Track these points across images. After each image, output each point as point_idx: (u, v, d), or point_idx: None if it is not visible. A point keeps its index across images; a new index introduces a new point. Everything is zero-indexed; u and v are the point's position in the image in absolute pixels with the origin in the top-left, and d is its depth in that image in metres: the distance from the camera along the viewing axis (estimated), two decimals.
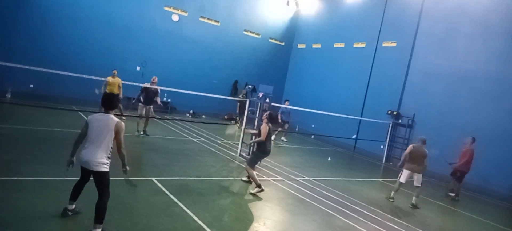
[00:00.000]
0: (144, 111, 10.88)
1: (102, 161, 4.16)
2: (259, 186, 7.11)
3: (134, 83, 11.37)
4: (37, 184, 5.64)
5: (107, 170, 4.23)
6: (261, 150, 7.32)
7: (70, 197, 4.55)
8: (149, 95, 10.88)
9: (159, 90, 11.13)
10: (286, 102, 15.69)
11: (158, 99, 11.20)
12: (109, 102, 4.34)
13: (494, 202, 10.84)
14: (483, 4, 12.97)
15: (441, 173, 11.83)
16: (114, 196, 5.55)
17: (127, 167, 4.39)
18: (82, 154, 4.19)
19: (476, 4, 13.18)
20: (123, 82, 10.93)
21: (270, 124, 7.33)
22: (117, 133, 4.21)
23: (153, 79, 11.07)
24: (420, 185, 8.33)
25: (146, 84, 10.86)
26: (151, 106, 11.06)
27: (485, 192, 11.55)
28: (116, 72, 12.09)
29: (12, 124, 9.70)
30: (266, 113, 7.68)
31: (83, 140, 4.34)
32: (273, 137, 14.58)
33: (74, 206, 4.59)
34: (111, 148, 4.26)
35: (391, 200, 8.45)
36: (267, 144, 7.28)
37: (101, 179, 4.20)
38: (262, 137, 7.18)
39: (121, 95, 12.02)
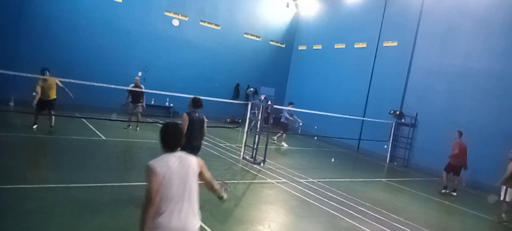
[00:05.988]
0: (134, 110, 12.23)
1: (198, 223, 2.89)
2: None
3: (136, 89, 11.39)
4: (42, 191, 5.65)
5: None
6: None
7: None
8: (136, 95, 11.96)
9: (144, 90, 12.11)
10: (290, 104, 15.00)
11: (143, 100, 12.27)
12: (177, 140, 2.94)
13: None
14: (484, 1, 12.94)
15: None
16: (116, 201, 5.59)
17: (224, 196, 3.53)
18: (173, 224, 2.65)
19: (476, 2, 13.14)
20: (124, 87, 11.08)
21: (193, 110, 5.76)
22: (201, 172, 3.09)
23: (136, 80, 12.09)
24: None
25: (131, 86, 11.79)
26: (139, 105, 12.17)
27: (491, 190, 11.46)
28: (48, 73, 10.23)
29: (16, 131, 9.75)
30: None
31: (153, 202, 2.63)
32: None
33: None
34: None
35: (505, 223, 7.88)
36: (191, 138, 5.59)
37: None
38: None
39: (55, 96, 10.35)
